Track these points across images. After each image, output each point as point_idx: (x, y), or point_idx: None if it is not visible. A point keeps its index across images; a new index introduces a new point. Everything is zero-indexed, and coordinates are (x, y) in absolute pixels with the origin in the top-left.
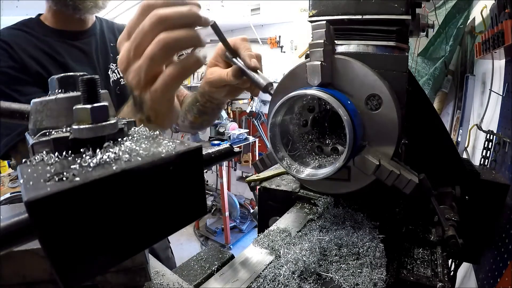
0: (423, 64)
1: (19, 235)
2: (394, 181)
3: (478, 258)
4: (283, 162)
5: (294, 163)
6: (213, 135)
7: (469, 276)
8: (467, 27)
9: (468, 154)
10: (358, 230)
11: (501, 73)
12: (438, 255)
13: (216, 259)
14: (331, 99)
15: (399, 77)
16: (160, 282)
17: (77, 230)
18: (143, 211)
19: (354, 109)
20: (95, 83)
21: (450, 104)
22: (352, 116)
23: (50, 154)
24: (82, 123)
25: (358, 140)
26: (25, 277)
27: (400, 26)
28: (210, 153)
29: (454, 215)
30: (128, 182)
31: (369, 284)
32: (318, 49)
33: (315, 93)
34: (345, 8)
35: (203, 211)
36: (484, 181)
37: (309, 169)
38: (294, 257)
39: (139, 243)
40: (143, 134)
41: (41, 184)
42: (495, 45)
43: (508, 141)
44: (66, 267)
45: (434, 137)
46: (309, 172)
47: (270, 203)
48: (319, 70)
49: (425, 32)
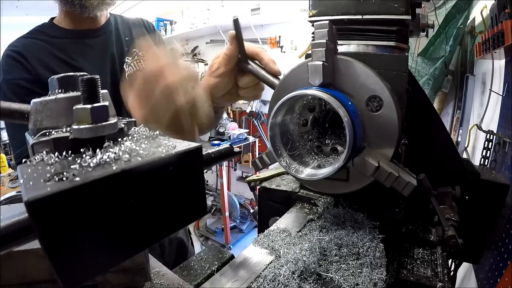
0: (423, 64)
1: (19, 235)
2: (393, 183)
3: (478, 258)
4: (282, 162)
5: (294, 163)
6: (213, 135)
7: (469, 276)
8: (467, 27)
9: (468, 154)
10: (358, 230)
11: (501, 73)
12: (438, 255)
13: (216, 259)
14: (331, 99)
15: (399, 77)
16: (160, 282)
17: (77, 230)
18: (143, 211)
19: (355, 110)
20: (95, 83)
21: (450, 104)
22: (353, 117)
23: (50, 154)
24: (82, 123)
25: (358, 141)
26: (25, 277)
27: (400, 26)
28: (210, 153)
29: (454, 215)
30: (128, 182)
31: (369, 284)
32: (320, 48)
33: (316, 93)
34: (345, 8)
35: (203, 211)
36: (484, 181)
37: (309, 169)
38: (294, 257)
39: (139, 243)
40: (143, 134)
41: (41, 184)
42: (495, 45)
43: (508, 141)
44: (66, 267)
45: (434, 137)
46: (309, 172)
47: (270, 203)
48: (320, 70)
49: (425, 32)
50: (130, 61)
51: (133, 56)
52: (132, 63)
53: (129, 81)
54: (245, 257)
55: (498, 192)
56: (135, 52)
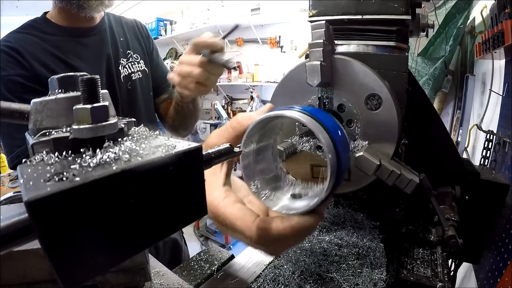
0: (423, 64)
1: (19, 235)
2: (395, 181)
3: (478, 258)
4: (252, 186)
5: (266, 188)
6: None
7: (469, 276)
8: (467, 27)
9: (468, 154)
10: (358, 230)
11: (501, 73)
12: (438, 255)
13: (216, 259)
14: (312, 122)
15: (399, 77)
16: (160, 282)
17: (77, 230)
18: (143, 211)
19: (339, 133)
20: (95, 83)
21: (450, 104)
22: (336, 142)
23: (50, 154)
24: (82, 123)
25: (342, 168)
26: (25, 277)
27: (400, 26)
28: (210, 153)
29: (454, 215)
30: (128, 182)
31: (369, 284)
32: (318, 49)
33: (293, 115)
34: (345, 8)
35: (203, 211)
36: (484, 181)
37: (285, 199)
38: (294, 257)
39: (139, 243)
40: (143, 134)
41: (41, 184)
42: (495, 45)
43: (508, 141)
44: (66, 267)
45: (434, 137)
46: (283, 205)
47: None
48: (318, 70)
49: (425, 32)
50: (125, 62)
51: (128, 58)
52: (127, 65)
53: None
54: (245, 257)
55: (498, 192)
56: (130, 54)
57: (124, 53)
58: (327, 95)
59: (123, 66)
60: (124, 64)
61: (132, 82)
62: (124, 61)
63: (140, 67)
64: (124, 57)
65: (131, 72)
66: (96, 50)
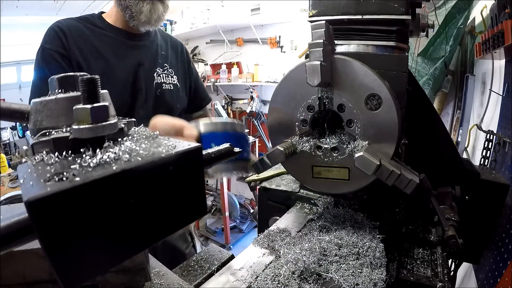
0: (423, 64)
1: (19, 235)
2: (395, 181)
3: (478, 258)
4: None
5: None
6: None
7: (469, 276)
8: (467, 27)
9: (468, 154)
10: (358, 230)
11: (501, 73)
12: (438, 255)
13: (216, 259)
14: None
15: (399, 77)
16: (160, 282)
17: (77, 230)
18: (143, 211)
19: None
20: (95, 83)
21: (450, 104)
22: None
23: (50, 154)
24: (82, 123)
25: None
26: (25, 277)
27: (400, 26)
28: (210, 153)
29: (454, 215)
30: (128, 182)
31: (369, 284)
32: (318, 49)
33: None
34: (345, 8)
35: (203, 211)
36: (484, 181)
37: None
38: (294, 257)
39: (139, 243)
40: (143, 134)
41: (41, 184)
42: (495, 45)
43: (508, 141)
44: (66, 267)
45: (434, 137)
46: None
47: (270, 203)
48: (318, 70)
49: (425, 32)
50: (160, 72)
51: (164, 69)
52: (161, 74)
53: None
54: (245, 257)
55: (498, 192)
56: (166, 67)
57: (162, 65)
58: (327, 95)
59: (158, 74)
60: (160, 73)
61: (162, 90)
62: (160, 70)
63: (173, 80)
64: (161, 67)
65: (163, 82)
66: (134, 52)
